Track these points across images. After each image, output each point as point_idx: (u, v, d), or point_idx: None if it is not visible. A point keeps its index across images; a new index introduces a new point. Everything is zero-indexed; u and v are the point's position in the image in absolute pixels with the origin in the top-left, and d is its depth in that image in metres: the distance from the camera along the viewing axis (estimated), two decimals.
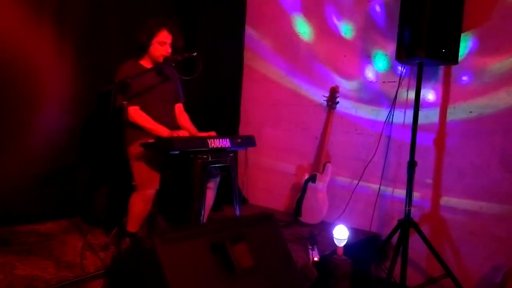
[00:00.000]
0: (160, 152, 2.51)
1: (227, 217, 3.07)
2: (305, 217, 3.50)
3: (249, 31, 4.22)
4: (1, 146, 2.84)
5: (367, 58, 3.50)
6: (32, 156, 2.98)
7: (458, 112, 3.05)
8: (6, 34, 2.77)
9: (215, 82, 4.03)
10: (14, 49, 2.82)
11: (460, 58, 2.87)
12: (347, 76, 3.62)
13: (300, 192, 3.57)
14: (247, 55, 4.24)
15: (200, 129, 2.93)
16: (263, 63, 4.16)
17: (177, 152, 2.42)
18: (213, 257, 1.80)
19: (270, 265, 1.95)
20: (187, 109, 3.05)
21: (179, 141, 2.41)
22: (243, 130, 4.22)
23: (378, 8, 3.42)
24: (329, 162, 3.55)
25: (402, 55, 2.89)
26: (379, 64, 3.44)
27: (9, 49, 2.79)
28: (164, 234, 1.72)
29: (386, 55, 3.39)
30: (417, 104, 2.89)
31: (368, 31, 3.48)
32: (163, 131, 2.60)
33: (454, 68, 3.05)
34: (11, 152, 2.87)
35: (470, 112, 3.00)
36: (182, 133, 2.61)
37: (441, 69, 3.12)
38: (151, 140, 2.48)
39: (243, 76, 4.27)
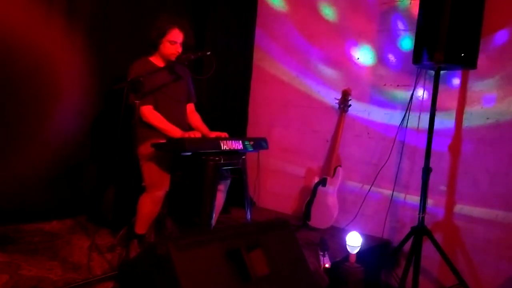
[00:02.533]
0: (172, 153, 2.45)
1: (242, 223, 3.00)
2: (315, 222, 3.44)
3: (260, 30, 4.15)
4: (8, 144, 2.78)
5: (381, 60, 3.44)
6: (40, 154, 2.92)
7: (474, 118, 2.99)
8: (16, 30, 2.71)
9: (224, 81, 3.98)
10: (24, 46, 2.76)
11: (478, 63, 2.80)
12: (359, 79, 3.56)
13: (310, 195, 3.50)
14: (257, 55, 4.18)
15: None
16: (273, 63, 4.09)
17: (189, 153, 2.36)
18: (228, 264, 1.74)
19: (286, 273, 1.89)
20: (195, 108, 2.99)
21: (191, 142, 2.36)
22: (251, 131, 4.16)
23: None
24: (340, 166, 3.48)
25: (419, 58, 2.82)
26: (395, 66, 3.38)
27: (19, 46, 2.74)
28: (178, 240, 1.66)
29: (402, 59, 3.33)
30: (433, 108, 2.83)
31: (383, 32, 3.42)
32: (176, 132, 2.55)
33: (471, 72, 2.99)
34: (18, 150, 2.82)
35: (487, 118, 2.94)
36: (194, 134, 2.55)
37: (458, 73, 3.06)
38: (162, 141, 2.43)
39: (252, 76, 4.21)
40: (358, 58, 3.56)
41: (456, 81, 3.07)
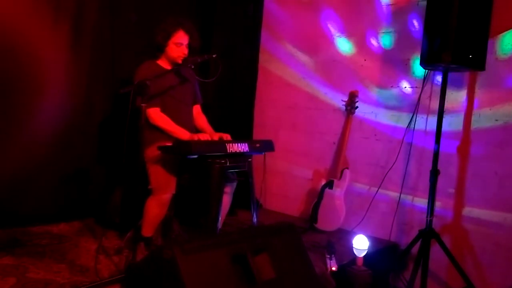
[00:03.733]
0: (178, 156, 2.45)
1: (248, 226, 3.00)
2: (321, 224, 3.42)
3: (265, 32, 4.15)
4: (15, 145, 2.80)
5: (388, 62, 3.42)
6: (47, 157, 2.94)
7: (483, 120, 2.96)
8: (22, 33, 2.73)
9: (230, 83, 3.97)
10: (31, 50, 2.78)
11: (486, 64, 2.77)
12: (366, 81, 3.54)
13: (317, 198, 3.49)
14: (263, 57, 4.18)
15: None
16: (279, 65, 4.08)
17: (195, 156, 2.36)
18: (233, 268, 1.74)
19: (291, 277, 1.88)
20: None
21: (198, 145, 2.36)
22: (257, 133, 4.16)
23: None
24: (347, 168, 3.46)
25: (427, 60, 2.80)
26: (402, 68, 3.35)
27: (26, 49, 2.76)
28: (184, 244, 1.66)
29: (410, 60, 3.31)
30: (441, 110, 2.80)
31: (389, 34, 3.40)
32: (184, 134, 2.55)
33: (479, 74, 2.96)
34: (26, 152, 2.84)
35: (496, 120, 2.90)
36: (203, 137, 2.54)
37: (466, 75, 3.03)
38: (168, 143, 2.43)
39: (258, 78, 4.21)
40: (365, 60, 3.54)
41: (465, 83, 3.04)
